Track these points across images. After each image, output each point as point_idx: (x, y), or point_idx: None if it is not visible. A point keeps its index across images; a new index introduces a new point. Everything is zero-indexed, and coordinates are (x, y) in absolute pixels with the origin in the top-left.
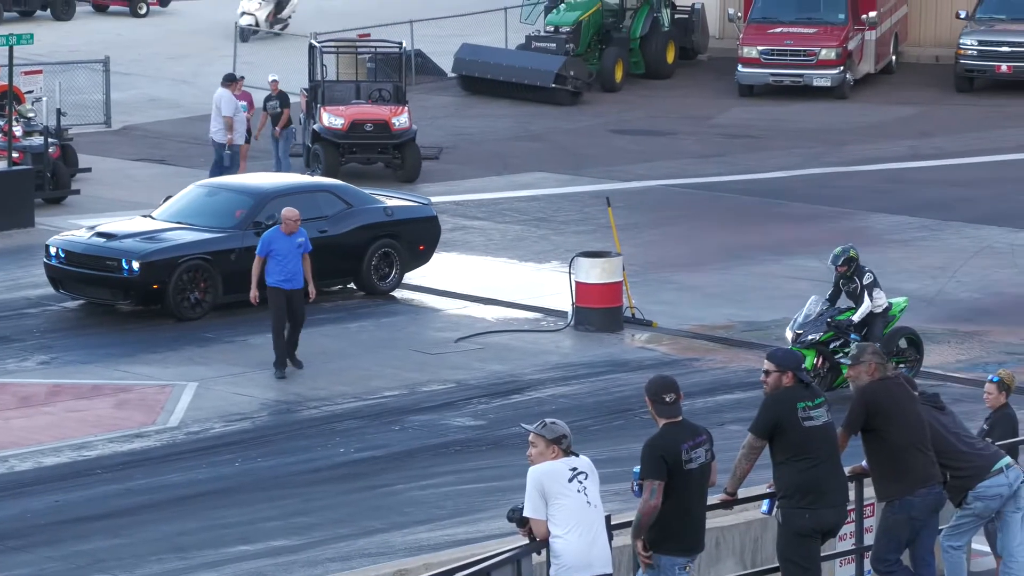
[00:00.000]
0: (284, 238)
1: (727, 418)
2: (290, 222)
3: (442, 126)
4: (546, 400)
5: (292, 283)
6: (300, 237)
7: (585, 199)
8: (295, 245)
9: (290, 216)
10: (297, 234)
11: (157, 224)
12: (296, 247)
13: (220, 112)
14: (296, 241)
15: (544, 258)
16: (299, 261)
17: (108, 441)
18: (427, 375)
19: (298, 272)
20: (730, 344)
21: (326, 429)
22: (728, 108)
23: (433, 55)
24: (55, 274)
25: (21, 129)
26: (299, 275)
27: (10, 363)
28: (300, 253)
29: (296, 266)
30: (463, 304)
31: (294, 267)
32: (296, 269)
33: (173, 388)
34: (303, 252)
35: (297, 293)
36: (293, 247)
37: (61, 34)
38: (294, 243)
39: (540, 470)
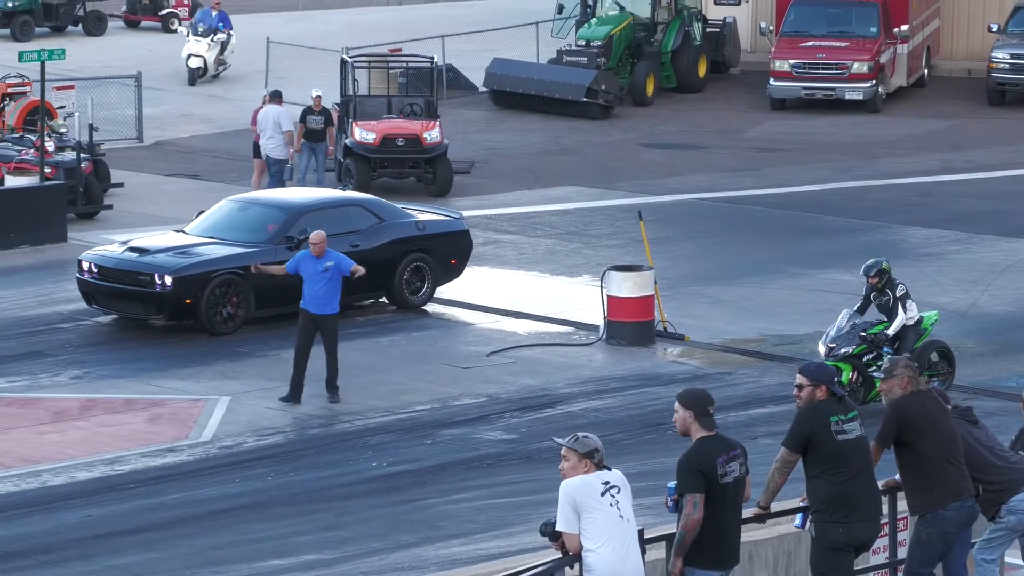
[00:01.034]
0: (312, 260)
1: (760, 432)
2: (315, 245)
3: (473, 140)
4: (578, 414)
5: (319, 307)
6: (329, 261)
7: (617, 213)
8: (320, 269)
9: (315, 239)
10: (325, 258)
11: (189, 239)
12: (321, 271)
13: (279, 128)
14: (323, 265)
15: (576, 272)
16: (327, 285)
17: (141, 455)
18: (459, 389)
19: (327, 297)
20: (762, 358)
21: (358, 443)
22: (760, 122)
23: (464, 70)
24: (88, 289)
25: (53, 144)
26: (328, 300)
27: (43, 378)
28: (328, 279)
29: (323, 290)
30: (495, 318)
31: (320, 291)
32: (324, 294)
33: (206, 402)
34: (331, 277)
35: (327, 319)
36: (319, 271)
37: (93, 50)
38: (320, 267)
39: (573, 484)
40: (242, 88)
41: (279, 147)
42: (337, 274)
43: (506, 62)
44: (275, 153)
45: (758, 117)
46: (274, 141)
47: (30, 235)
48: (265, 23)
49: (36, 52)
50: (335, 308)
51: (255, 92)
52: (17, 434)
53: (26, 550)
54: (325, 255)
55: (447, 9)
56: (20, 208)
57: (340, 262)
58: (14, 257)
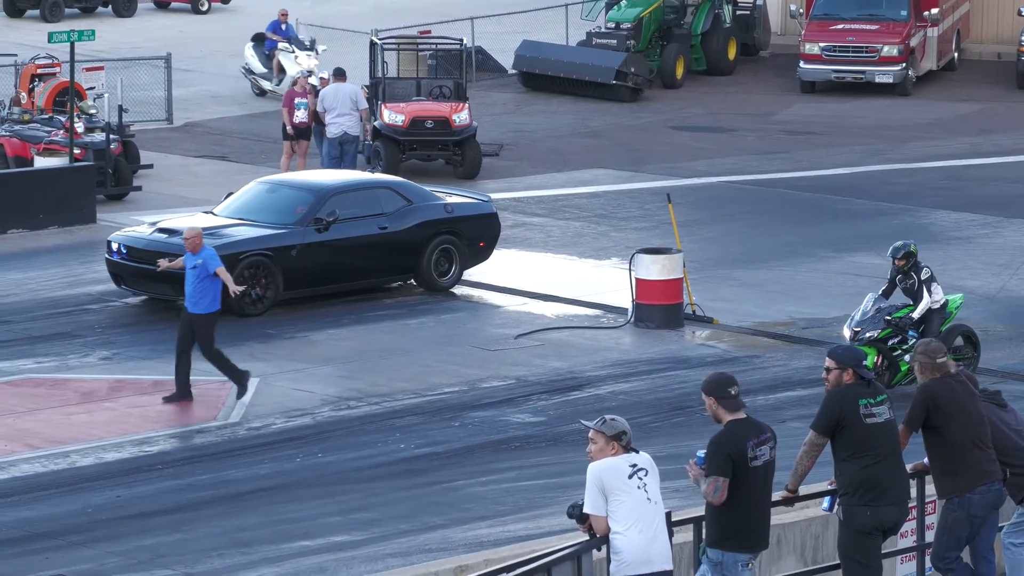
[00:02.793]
0: (188, 256)
1: (788, 415)
2: (186, 240)
3: (502, 123)
4: (606, 397)
5: (190, 304)
6: (198, 259)
7: (646, 196)
8: (190, 266)
9: (186, 235)
10: (199, 254)
11: (218, 220)
12: (191, 268)
13: (356, 105)
14: (193, 261)
15: (604, 255)
16: (197, 284)
17: (169, 436)
18: (487, 371)
19: (196, 295)
20: (791, 341)
21: (386, 425)
22: (790, 104)
23: (494, 52)
24: (117, 270)
25: (83, 125)
26: (197, 298)
27: (72, 359)
28: (196, 276)
29: (193, 288)
30: (523, 301)
31: (191, 288)
32: (192, 291)
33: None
34: (199, 275)
35: (196, 318)
36: (189, 267)
37: (123, 31)
38: (190, 263)
39: (600, 466)
40: None
41: (356, 124)
42: (205, 272)
43: (535, 44)
44: (353, 130)
45: (788, 100)
46: (352, 119)
47: (59, 216)
48: (294, 5)
49: (66, 33)
50: (205, 307)
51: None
52: (45, 415)
53: (54, 531)
54: (199, 252)
55: None
56: (49, 189)
57: (208, 261)
58: (43, 238)
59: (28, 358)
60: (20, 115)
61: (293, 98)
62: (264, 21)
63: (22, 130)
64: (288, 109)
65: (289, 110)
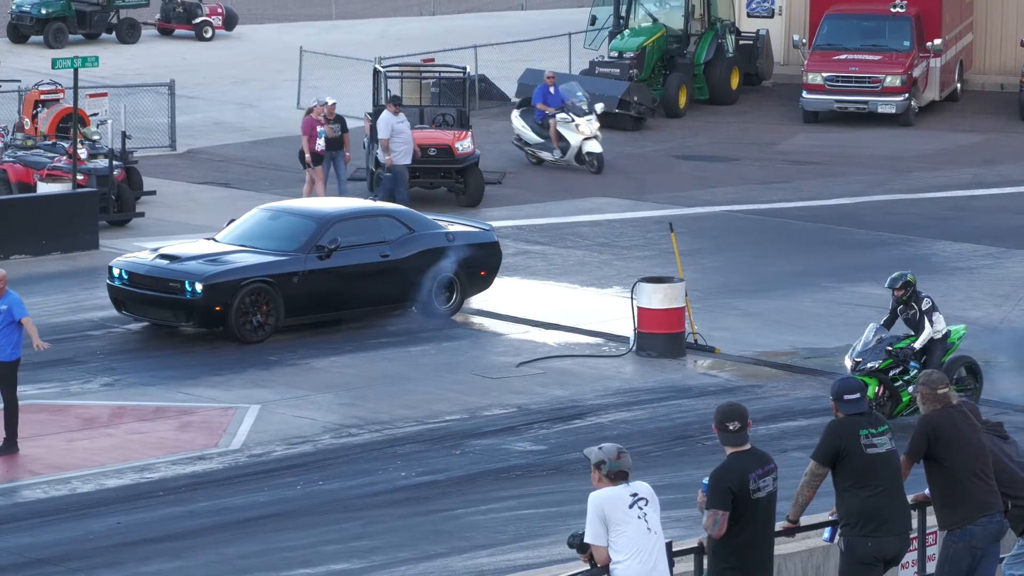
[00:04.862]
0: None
1: (790, 445)
2: None
3: (505, 151)
4: (607, 426)
5: None
6: (3, 304)
7: (648, 224)
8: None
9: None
10: (2, 300)
11: (220, 247)
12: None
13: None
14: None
15: (606, 283)
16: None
17: (171, 463)
18: (488, 399)
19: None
20: (793, 371)
21: (387, 453)
22: (792, 134)
23: (497, 80)
24: (118, 296)
25: (86, 152)
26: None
27: (73, 385)
28: (3, 323)
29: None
30: (525, 329)
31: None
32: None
33: (236, 411)
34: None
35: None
36: None
37: (126, 57)
38: None
39: (601, 496)
40: (273, 97)
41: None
42: (10, 319)
43: (538, 73)
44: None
45: (790, 130)
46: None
47: (62, 242)
48: (298, 32)
49: (69, 59)
50: (7, 355)
51: (286, 101)
52: (47, 441)
53: (55, 557)
54: (3, 298)
55: (480, 20)
56: (52, 215)
57: (13, 307)
58: (46, 264)
59: (30, 384)
60: (23, 141)
61: (313, 125)
62: (268, 48)
63: (25, 156)
64: (309, 136)
65: (310, 137)
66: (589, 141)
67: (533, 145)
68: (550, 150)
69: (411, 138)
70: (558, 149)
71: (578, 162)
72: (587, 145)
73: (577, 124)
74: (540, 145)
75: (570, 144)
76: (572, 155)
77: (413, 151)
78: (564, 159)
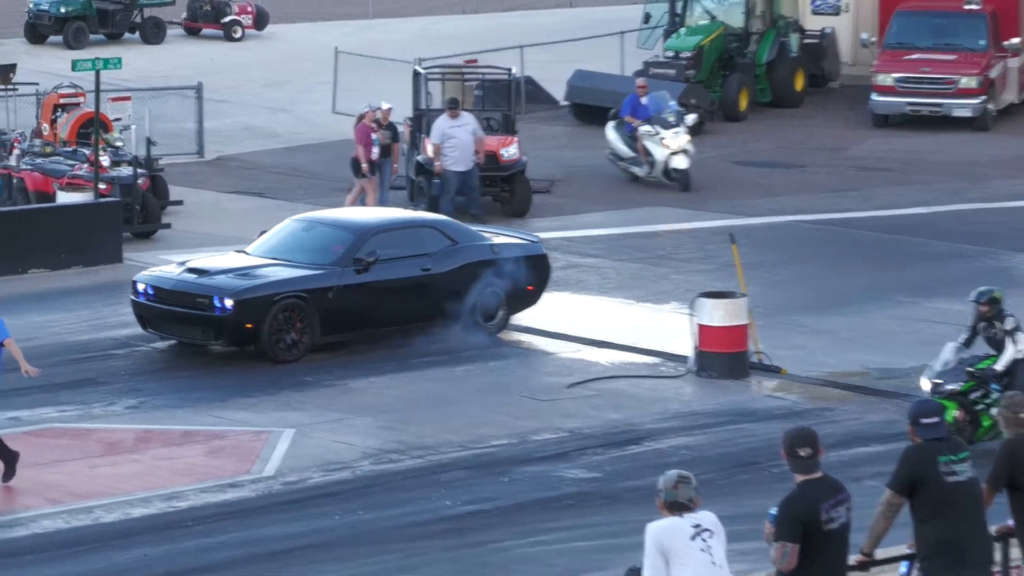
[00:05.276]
0: None
1: (864, 473)
2: None
3: (553, 157)
4: (666, 452)
5: None
6: None
7: (708, 235)
8: None
9: None
10: None
11: (251, 260)
12: None
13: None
14: None
15: (663, 299)
16: None
17: (200, 491)
18: (538, 423)
19: None
20: (866, 393)
21: (431, 480)
22: (862, 139)
23: (544, 82)
24: (143, 312)
25: (108, 159)
26: None
27: (96, 407)
28: None
29: None
30: (576, 347)
31: None
32: None
33: (269, 435)
34: None
35: None
36: None
37: (151, 58)
38: None
39: (659, 527)
40: (307, 101)
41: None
42: None
43: (588, 74)
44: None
45: (860, 134)
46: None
47: (83, 255)
48: (333, 31)
49: (90, 61)
50: None
51: (320, 105)
52: (68, 467)
53: None
54: None
55: (526, 18)
56: (73, 226)
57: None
58: (66, 278)
59: (50, 406)
60: (42, 147)
61: (368, 132)
62: (301, 49)
63: (44, 163)
64: (365, 144)
65: (366, 145)
66: (676, 156)
67: (626, 160)
68: (640, 164)
69: (466, 143)
70: (646, 164)
71: (667, 178)
72: (673, 160)
73: (662, 138)
74: (632, 160)
75: (656, 159)
76: (660, 171)
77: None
78: (653, 175)
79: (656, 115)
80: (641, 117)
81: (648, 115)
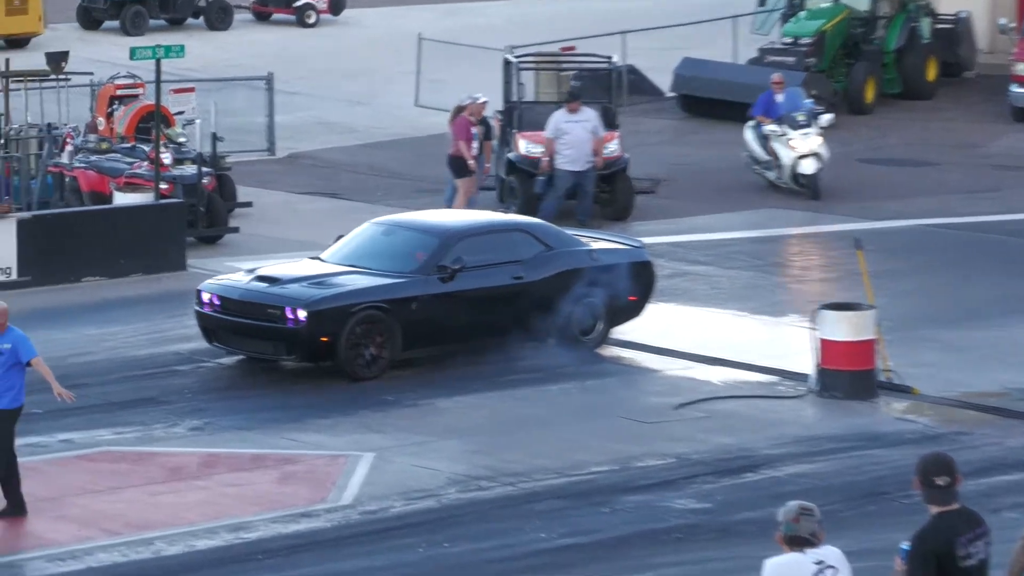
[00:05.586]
0: None
1: (1003, 504)
2: None
3: (659, 154)
4: (784, 480)
5: None
6: (6, 343)
7: (830, 240)
8: None
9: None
10: (4, 337)
11: (327, 267)
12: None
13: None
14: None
15: (781, 310)
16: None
17: (270, 521)
18: (642, 448)
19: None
20: (1006, 415)
21: (524, 510)
22: (1001, 134)
23: (648, 71)
24: (208, 324)
25: (170, 156)
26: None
27: (157, 428)
28: (5, 364)
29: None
30: (684, 364)
31: None
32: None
33: (346, 459)
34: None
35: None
36: None
37: (216, 46)
38: None
39: (775, 564)
40: (387, 93)
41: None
42: (14, 360)
43: (698, 63)
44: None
45: (997, 129)
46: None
47: (142, 262)
48: (415, 16)
49: (150, 48)
50: (8, 403)
51: (402, 98)
52: (127, 495)
53: None
54: (5, 333)
55: (625, 1)
56: (131, 231)
57: (18, 346)
58: (124, 287)
59: (106, 428)
60: (97, 144)
61: (469, 127)
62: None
63: (99, 161)
64: (466, 140)
65: (468, 141)
66: (804, 160)
67: (761, 164)
68: (771, 168)
69: (583, 141)
70: (775, 168)
71: (795, 184)
72: (801, 165)
73: (790, 139)
74: (766, 164)
75: (783, 163)
76: (788, 175)
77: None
78: (782, 180)
79: (785, 114)
80: (774, 116)
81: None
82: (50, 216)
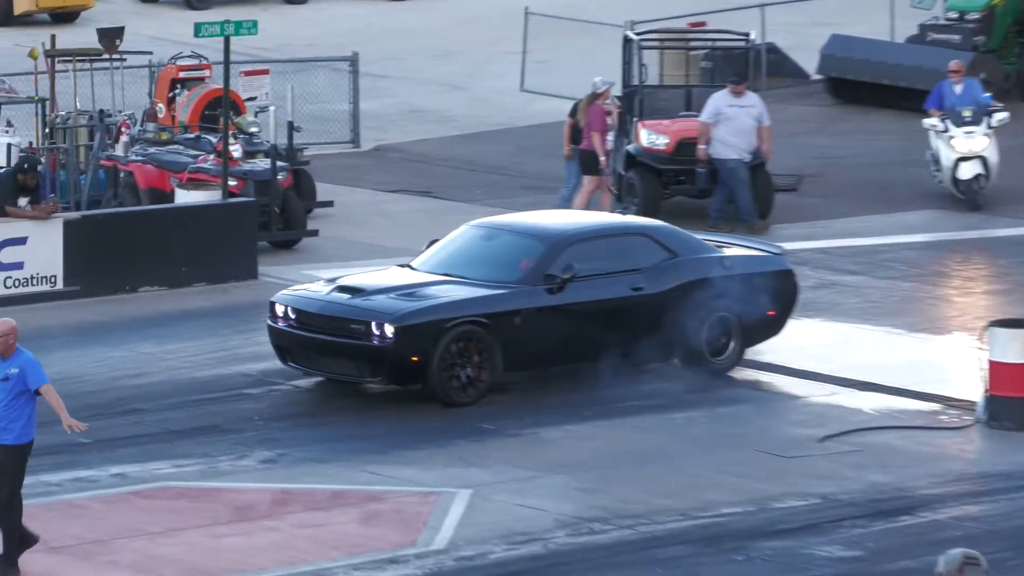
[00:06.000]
0: None
1: None
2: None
3: (802, 146)
4: (946, 524)
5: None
6: (13, 367)
7: (1002, 247)
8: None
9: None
10: (12, 360)
11: (418, 276)
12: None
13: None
14: (4, 371)
15: (943, 327)
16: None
17: (352, 568)
18: (781, 486)
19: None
20: None
21: (643, 556)
22: None
23: (791, 50)
24: (283, 342)
25: (241, 149)
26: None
27: (223, 461)
28: (8, 392)
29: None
30: (831, 390)
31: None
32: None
33: (439, 497)
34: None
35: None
36: None
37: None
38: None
39: None
40: (488, 75)
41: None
42: (22, 387)
43: (849, 40)
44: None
45: None
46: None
47: (208, 270)
48: None
49: (218, 24)
50: (16, 438)
51: (505, 81)
52: (188, 536)
53: None
54: (13, 356)
55: None
56: (196, 234)
57: (27, 372)
58: (188, 298)
59: (165, 460)
60: (156, 134)
61: (604, 116)
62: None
63: (159, 154)
64: (601, 132)
65: (602, 132)
66: (966, 163)
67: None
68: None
69: (747, 129)
70: (935, 169)
71: (955, 188)
72: (960, 168)
73: (951, 136)
74: None
75: (942, 164)
76: (948, 179)
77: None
78: (944, 184)
79: (950, 107)
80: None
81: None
82: (101, 217)
